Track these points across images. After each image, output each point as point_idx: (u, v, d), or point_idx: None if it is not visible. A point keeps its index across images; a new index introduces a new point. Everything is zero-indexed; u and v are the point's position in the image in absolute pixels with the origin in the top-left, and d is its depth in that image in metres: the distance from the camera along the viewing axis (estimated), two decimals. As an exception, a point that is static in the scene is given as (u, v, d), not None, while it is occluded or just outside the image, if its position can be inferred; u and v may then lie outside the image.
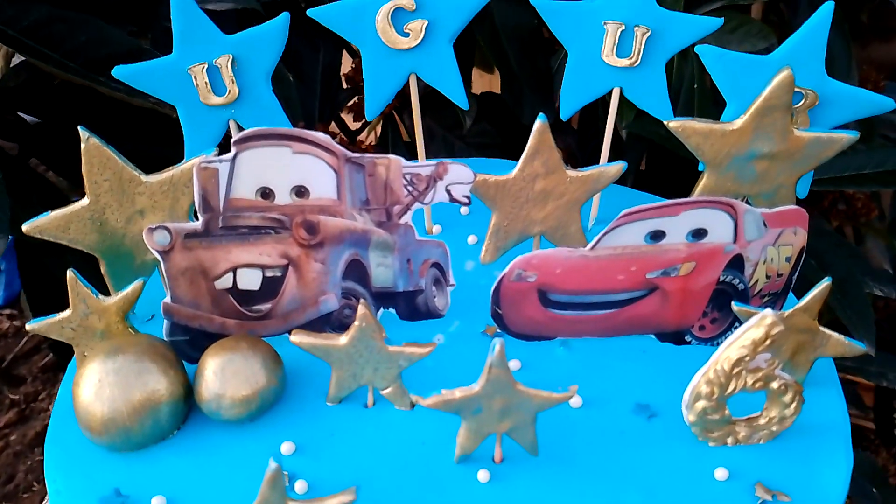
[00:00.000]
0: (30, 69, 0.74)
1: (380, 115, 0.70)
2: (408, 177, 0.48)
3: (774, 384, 0.43)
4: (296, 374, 0.49)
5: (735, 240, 0.48)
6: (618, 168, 0.50)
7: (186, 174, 0.49)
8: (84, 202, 0.49)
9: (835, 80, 0.52)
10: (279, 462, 0.37)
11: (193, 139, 0.54)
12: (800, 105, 0.52)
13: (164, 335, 0.49)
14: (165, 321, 0.49)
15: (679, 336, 0.51)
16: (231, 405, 0.46)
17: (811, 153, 0.50)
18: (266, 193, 0.48)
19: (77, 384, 0.45)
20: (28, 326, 0.49)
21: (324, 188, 0.48)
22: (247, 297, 0.49)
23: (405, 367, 0.46)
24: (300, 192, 0.48)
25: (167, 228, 0.47)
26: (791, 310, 0.45)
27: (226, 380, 0.45)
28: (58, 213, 0.49)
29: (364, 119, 0.84)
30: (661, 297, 0.49)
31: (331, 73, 0.82)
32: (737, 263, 0.49)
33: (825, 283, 0.45)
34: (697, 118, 0.50)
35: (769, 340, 0.41)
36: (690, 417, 0.44)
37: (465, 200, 0.48)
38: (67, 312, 0.48)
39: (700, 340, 0.51)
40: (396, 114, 0.82)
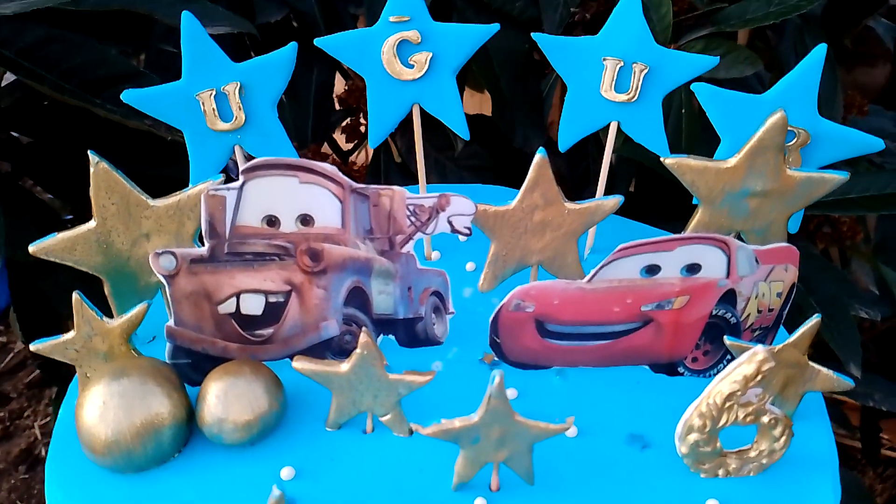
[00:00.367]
0: (22, 88, 0.74)
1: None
2: (411, 208, 0.49)
3: (765, 418, 0.44)
4: (296, 399, 0.49)
5: (728, 275, 0.49)
6: (615, 202, 0.51)
7: (193, 199, 0.50)
8: (91, 224, 0.50)
9: (827, 120, 0.54)
10: (280, 489, 0.38)
11: (199, 163, 0.55)
12: (792, 143, 0.53)
13: (167, 358, 0.50)
14: (168, 344, 0.50)
15: (672, 367, 0.52)
16: (233, 429, 0.46)
17: (803, 192, 0.51)
18: (272, 221, 0.49)
19: (81, 406, 0.46)
20: (32, 347, 0.49)
21: (329, 217, 0.49)
22: (249, 322, 0.50)
23: (404, 395, 0.47)
24: (305, 221, 0.49)
25: (173, 253, 0.48)
26: (781, 345, 0.46)
27: (228, 404, 0.46)
28: (64, 235, 0.50)
29: (356, 140, 0.85)
30: (656, 330, 0.50)
31: (324, 94, 0.82)
32: (729, 298, 0.50)
33: (815, 320, 0.47)
34: (692, 156, 0.51)
35: (760, 376, 0.42)
36: (683, 449, 0.46)
37: (466, 231, 0.49)
38: (72, 334, 0.48)
39: (693, 372, 0.52)
40: (389, 135, 0.83)
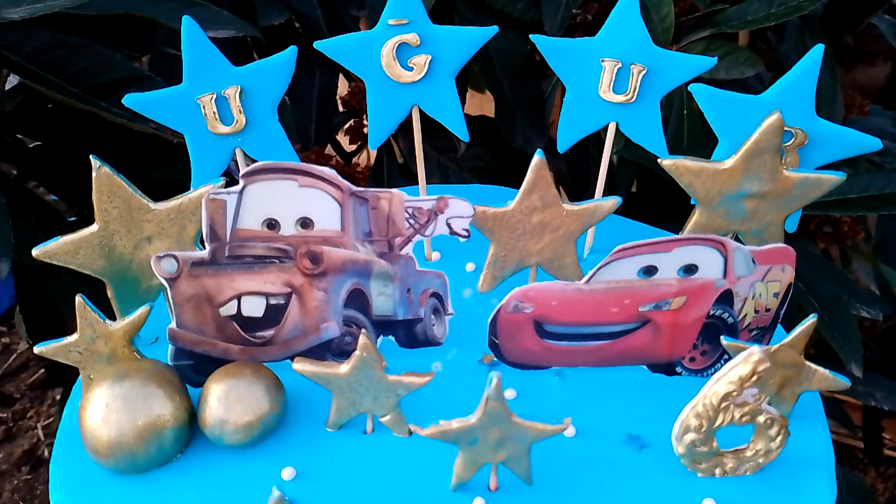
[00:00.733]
0: (26, 92, 0.74)
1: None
2: (409, 210, 0.49)
3: (761, 418, 0.45)
4: (297, 401, 0.50)
5: (725, 276, 0.50)
6: (612, 203, 0.51)
7: (194, 202, 0.50)
8: (93, 228, 0.51)
9: (824, 120, 0.54)
10: (280, 489, 0.38)
11: (200, 166, 0.56)
12: (790, 144, 0.54)
13: (169, 360, 0.50)
14: (171, 346, 0.50)
15: (670, 367, 0.52)
16: (234, 431, 0.47)
17: (799, 193, 0.51)
18: (272, 224, 0.49)
19: (84, 408, 0.47)
20: (36, 350, 0.50)
21: (328, 220, 0.49)
22: (250, 324, 0.50)
23: (404, 396, 0.47)
24: (305, 224, 0.49)
25: (175, 257, 0.49)
26: (777, 345, 0.47)
27: (229, 406, 0.47)
28: (67, 239, 0.51)
29: (359, 142, 0.86)
30: (654, 330, 0.51)
31: (327, 97, 0.83)
32: (726, 298, 0.50)
33: (811, 320, 0.47)
34: (690, 157, 0.51)
35: (755, 377, 0.43)
36: (680, 449, 0.46)
37: (465, 234, 0.50)
38: (75, 336, 0.49)
39: (690, 372, 0.52)
40: (392, 137, 0.84)
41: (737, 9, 0.74)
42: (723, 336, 0.48)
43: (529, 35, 0.57)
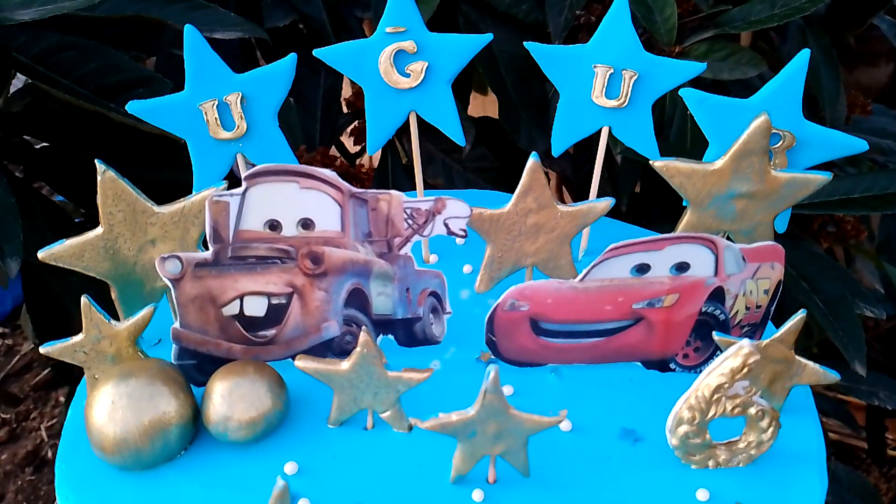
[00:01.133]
0: (33, 93, 0.75)
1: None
2: (408, 211, 0.50)
3: (752, 410, 0.46)
4: (298, 399, 0.51)
5: (716, 273, 0.51)
6: (606, 204, 0.52)
7: (197, 206, 0.51)
8: (98, 231, 0.51)
9: (811, 123, 0.55)
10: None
11: (202, 171, 0.57)
12: (778, 146, 0.55)
13: (173, 359, 0.51)
14: (174, 346, 0.51)
15: (664, 364, 0.53)
16: (238, 427, 0.48)
17: (787, 193, 0.53)
18: (274, 226, 0.50)
19: (90, 406, 0.48)
20: (42, 350, 0.51)
21: (329, 221, 0.50)
22: (253, 324, 0.51)
23: (403, 392, 0.48)
24: (306, 225, 0.50)
25: (179, 258, 0.50)
26: (767, 340, 0.48)
27: (233, 403, 0.48)
28: (73, 242, 0.52)
29: (363, 143, 0.86)
30: (647, 327, 0.52)
31: (331, 98, 0.84)
32: (718, 296, 0.51)
33: (800, 316, 0.48)
34: (681, 159, 0.53)
35: (746, 369, 0.44)
36: (674, 441, 0.47)
37: (462, 234, 0.51)
38: (80, 337, 0.50)
39: (684, 368, 0.53)
40: (396, 138, 0.85)
41: (740, 10, 0.74)
42: (714, 332, 0.50)
43: (524, 42, 0.58)
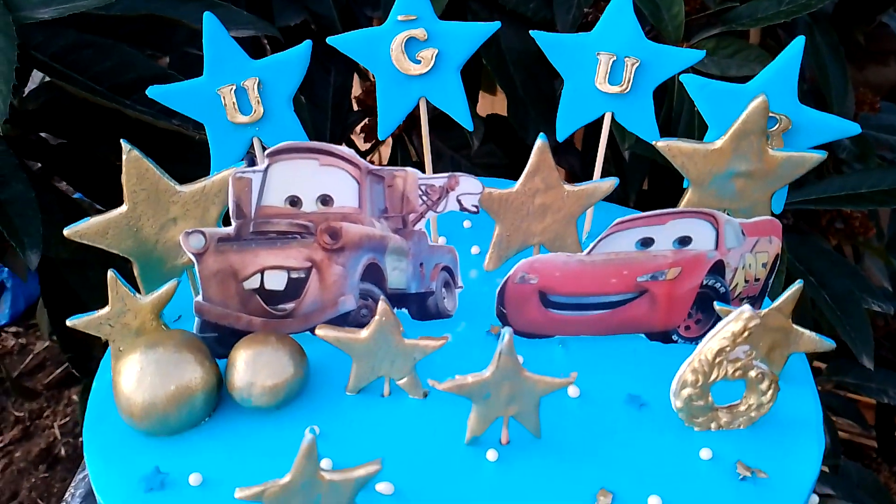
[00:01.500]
0: (49, 91, 0.77)
1: (390, 136, 0.74)
2: (422, 188, 0.53)
3: (752, 373, 0.48)
4: (318, 368, 0.53)
5: (717, 247, 0.53)
6: (610, 183, 0.55)
7: (217, 185, 0.53)
8: (122, 209, 0.53)
9: (806, 107, 0.58)
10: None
11: (219, 154, 0.59)
12: (774, 129, 0.57)
13: (195, 332, 0.53)
14: (197, 319, 0.53)
15: (667, 336, 0.56)
16: (261, 393, 0.50)
17: (784, 172, 0.55)
18: (294, 202, 0.52)
19: (118, 373, 0.49)
20: (69, 322, 0.52)
21: (346, 197, 0.52)
22: (272, 297, 0.53)
23: (419, 360, 0.50)
24: (325, 201, 0.53)
25: (202, 233, 0.52)
26: (766, 309, 0.50)
27: (256, 370, 0.50)
28: (97, 219, 0.53)
29: (374, 140, 0.88)
30: (650, 300, 0.54)
31: (342, 96, 0.85)
32: (718, 269, 0.54)
33: (797, 286, 0.51)
34: (682, 139, 0.55)
35: (747, 332, 0.46)
36: (677, 404, 0.49)
37: (474, 209, 0.53)
38: (106, 309, 0.52)
39: (686, 340, 0.56)
40: (406, 135, 0.87)
41: (747, 7, 0.75)
42: (716, 302, 0.52)
43: (531, 31, 0.60)
